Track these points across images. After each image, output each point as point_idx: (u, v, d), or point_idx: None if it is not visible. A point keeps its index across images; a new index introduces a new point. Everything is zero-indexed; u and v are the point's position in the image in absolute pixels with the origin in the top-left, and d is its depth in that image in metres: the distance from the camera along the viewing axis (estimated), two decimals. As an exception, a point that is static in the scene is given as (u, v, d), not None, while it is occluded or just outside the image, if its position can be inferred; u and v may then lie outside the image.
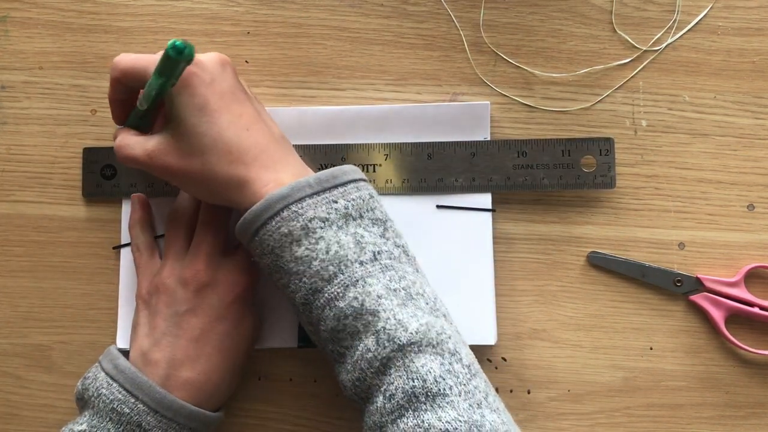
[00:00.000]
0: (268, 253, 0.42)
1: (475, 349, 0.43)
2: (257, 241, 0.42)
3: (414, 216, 0.51)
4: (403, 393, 0.38)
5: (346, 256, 0.40)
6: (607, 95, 0.52)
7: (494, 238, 0.51)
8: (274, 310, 0.50)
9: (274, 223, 0.41)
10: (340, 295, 0.40)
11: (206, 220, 0.47)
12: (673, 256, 0.51)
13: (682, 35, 0.53)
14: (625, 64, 0.53)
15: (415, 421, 0.37)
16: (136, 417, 0.42)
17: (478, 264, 0.50)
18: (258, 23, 0.53)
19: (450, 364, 0.39)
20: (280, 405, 0.51)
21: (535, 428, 0.50)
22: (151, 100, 0.43)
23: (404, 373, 0.38)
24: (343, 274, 0.40)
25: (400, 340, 0.39)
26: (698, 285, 0.51)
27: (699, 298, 0.50)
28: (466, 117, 0.51)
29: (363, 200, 0.43)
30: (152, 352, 0.45)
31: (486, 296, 0.50)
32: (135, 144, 0.45)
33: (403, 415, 0.38)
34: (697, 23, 0.53)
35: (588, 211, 0.52)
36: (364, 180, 0.44)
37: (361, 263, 0.40)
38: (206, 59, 0.44)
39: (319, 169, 0.44)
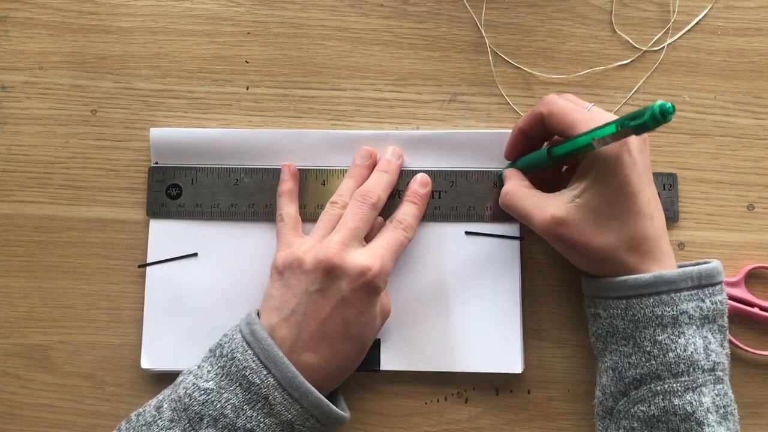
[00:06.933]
0: (626, 320, 0.44)
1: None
2: (622, 305, 0.44)
3: (443, 242, 0.51)
4: None
5: (697, 361, 0.43)
6: (607, 96, 0.52)
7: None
8: None
9: (651, 300, 0.43)
10: (678, 393, 0.42)
11: (354, 211, 0.47)
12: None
13: (682, 35, 0.53)
14: (625, 64, 0.53)
15: None
16: (264, 389, 0.43)
17: (505, 292, 0.50)
18: (258, 23, 0.53)
19: None
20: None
21: (535, 428, 0.50)
22: (566, 156, 0.44)
23: None
24: (689, 376, 0.43)
25: None
26: (698, 285, 0.51)
27: (699, 298, 0.50)
28: (497, 145, 0.51)
29: (722, 304, 0.44)
30: (280, 328, 0.45)
31: (513, 324, 0.50)
32: (534, 203, 0.46)
33: None
34: (696, 23, 0.53)
35: (588, 211, 0.52)
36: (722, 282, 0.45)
37: (704, 371, 0.43)
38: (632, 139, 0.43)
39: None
